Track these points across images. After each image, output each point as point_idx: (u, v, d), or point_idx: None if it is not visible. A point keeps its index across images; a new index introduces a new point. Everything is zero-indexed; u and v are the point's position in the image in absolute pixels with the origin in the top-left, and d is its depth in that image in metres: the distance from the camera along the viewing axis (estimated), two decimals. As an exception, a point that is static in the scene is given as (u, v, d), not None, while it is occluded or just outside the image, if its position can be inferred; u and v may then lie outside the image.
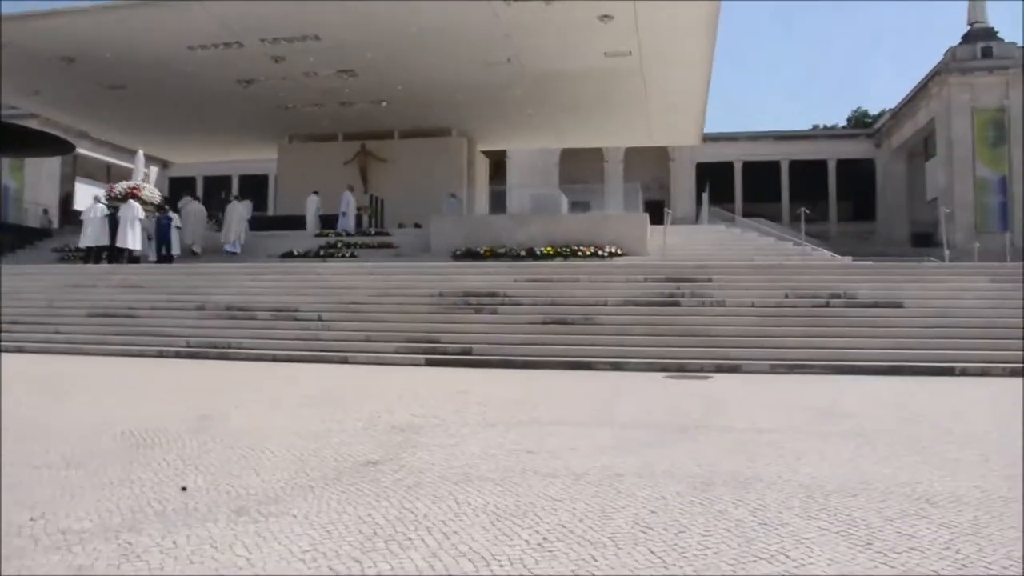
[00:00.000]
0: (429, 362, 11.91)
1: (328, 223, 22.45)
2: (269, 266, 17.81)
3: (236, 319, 14.34)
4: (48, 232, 26.37)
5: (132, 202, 19.69)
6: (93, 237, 19.63)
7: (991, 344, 11.47)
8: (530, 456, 4.93)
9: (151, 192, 21.07)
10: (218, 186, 36.89)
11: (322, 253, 20.04)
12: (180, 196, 23.61)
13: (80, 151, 30.37)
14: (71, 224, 27.75)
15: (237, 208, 21.57)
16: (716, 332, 12.40)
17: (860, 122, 48.58)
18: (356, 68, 20.87)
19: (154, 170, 23.71)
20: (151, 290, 15.95)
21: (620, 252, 17.76)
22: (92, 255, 19.70)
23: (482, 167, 29.29)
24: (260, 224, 23.37)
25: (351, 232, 21.72)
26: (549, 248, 18.04)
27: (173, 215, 20.26)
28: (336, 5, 17.06)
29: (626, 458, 4.89)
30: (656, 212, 20.62)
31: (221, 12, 17.65)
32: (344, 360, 12.14)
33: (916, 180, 37.85)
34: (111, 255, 19.46)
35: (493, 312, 13.77)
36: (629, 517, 3.54)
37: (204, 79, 21.54)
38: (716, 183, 35.85)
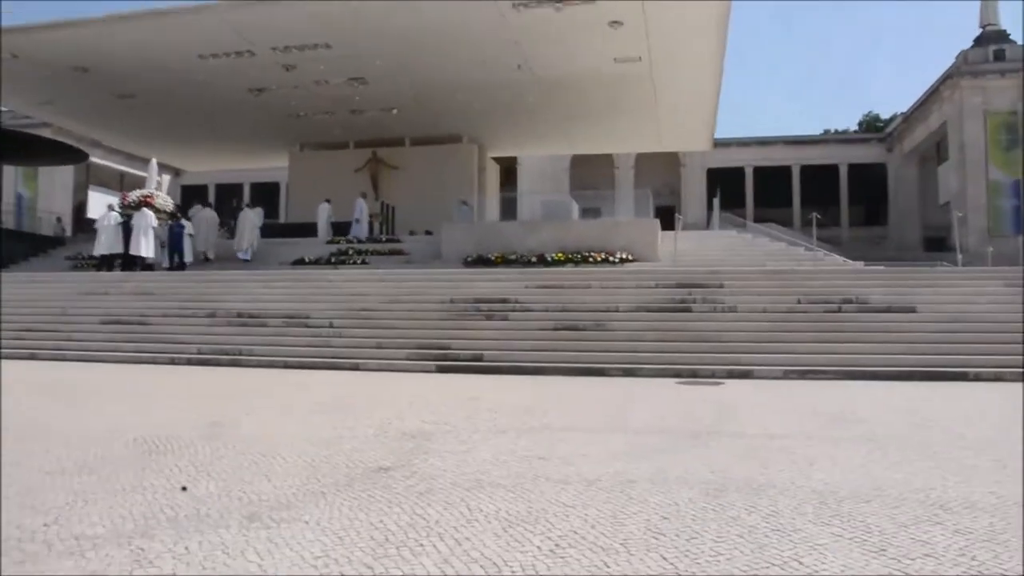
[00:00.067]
0: (440, 368, 11.92)
1: (340, 230, 22.52)
2: (280, 273, 17.89)
3: (247, 326, 14.40)
4: (61, 240, 26.59)
5: (145, 210, 19.83)
6: (107, 245, 19.83)
7: (1005, 349, 11.37)
8: (542, 462, 4.92)
9: (164, 200, 21.20)
10: (230, 194, 37.13)
11: (333, 260, 20.13)
12: (192, 204, 23.78)
13: (93, 160, 30.70)
14: (84, 232, 27.96)
15: (249, 216, 21.74)
16: (728, 338, 12.34)
17: (871, 126, 48.37)
18: (367, 76, 20.98)
19: (166, 178, 23.82)
20: (163, 297, 16.06)
21: (631, 258, 17.71)
22: (106, 263, 19.88)
23: (493, 174, 29.30)
24: (271, 231, 23.56)
25: (363, 239, 21.80)
26: (560, 254, 18.02)
27: (185, 223, 20.40)
28: (347, 14, 17.14)
29: (638, 464, 4.88)
30: (667, 218, 20.59)
31: (234, 20, 17.76)
32: (355, 367, 12.14)
33: (928, 184, 37.58)
34: (125, 263, 19.62)
35: (504, 318, 13.77)
36: (641, 523, 3.53)
37: (216, 88, 21.72)
38: (727, 188, 35.80)
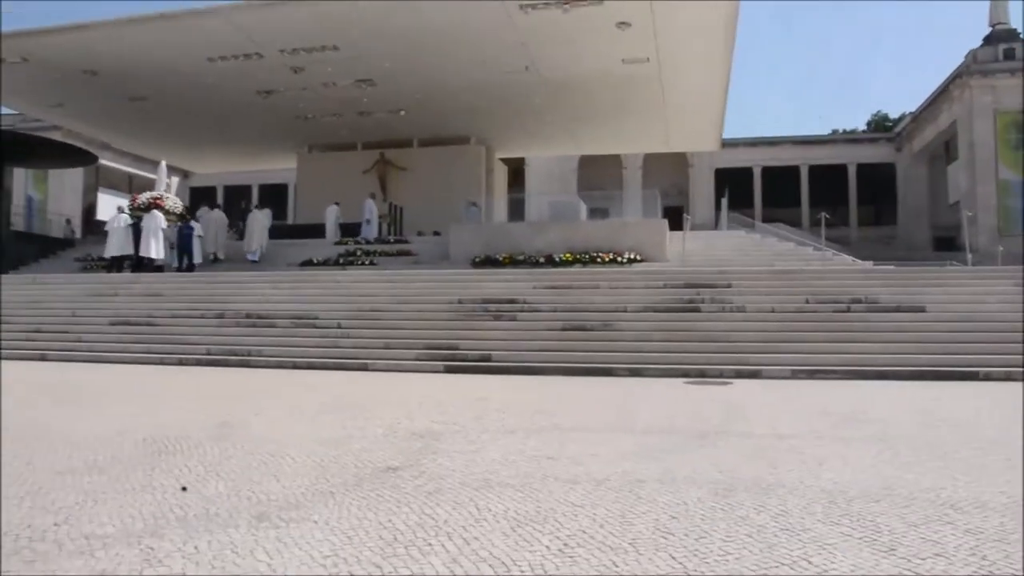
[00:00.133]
0: (448, 369, 11.93)
1: (348, 231, 22.56)
2: (289, 274, 17.92)
3: (256, 327, 14.44)
4: (71, 242, 26.71)
5: (155, 212, 19.91)
6: (118, 247, 19.92)
7: (1015, 348, 11.30)
8: (550, 462, 4.92)
9: (173, 202, 21.27)
10: (238, 195, 37.20)
11: (341, 261, 20.15)
12: (200, 206, 23.84)
13: (102, 162, 30.87)
14: (94, 234, 28.11)
15: (258, 217, 21.80)
16: (736, 338, 12.32)
17: (880, 126, 48.19)
18: (374, 78, 20.99)
19: (175, 180, 23.93)
20: (172, 298, 16.13)
21: (639, 258, 17.68)
22: (116, 264, 19.97)
23: (501, 175, 29.31)
24: (280, 233, 23.62)
25: (371, 240, 21.84)
26: (568, 255, 18.00)
27: (194, 224, 20.47)
28: (355, 15, 17.18)
29: (647, 464, 4.87)
30: (675, 218, 20.55)
31: (241, 22, 17.82)
32: (363, 367, 12.16)
33: (938, 184, 37.40)
34: (135, 264, 19.72)
35: (512, 319, 13.77)
36: (650, 523, 3.53)
37: (224, 90, 21.79)
38: (735, 188, 35.65)
